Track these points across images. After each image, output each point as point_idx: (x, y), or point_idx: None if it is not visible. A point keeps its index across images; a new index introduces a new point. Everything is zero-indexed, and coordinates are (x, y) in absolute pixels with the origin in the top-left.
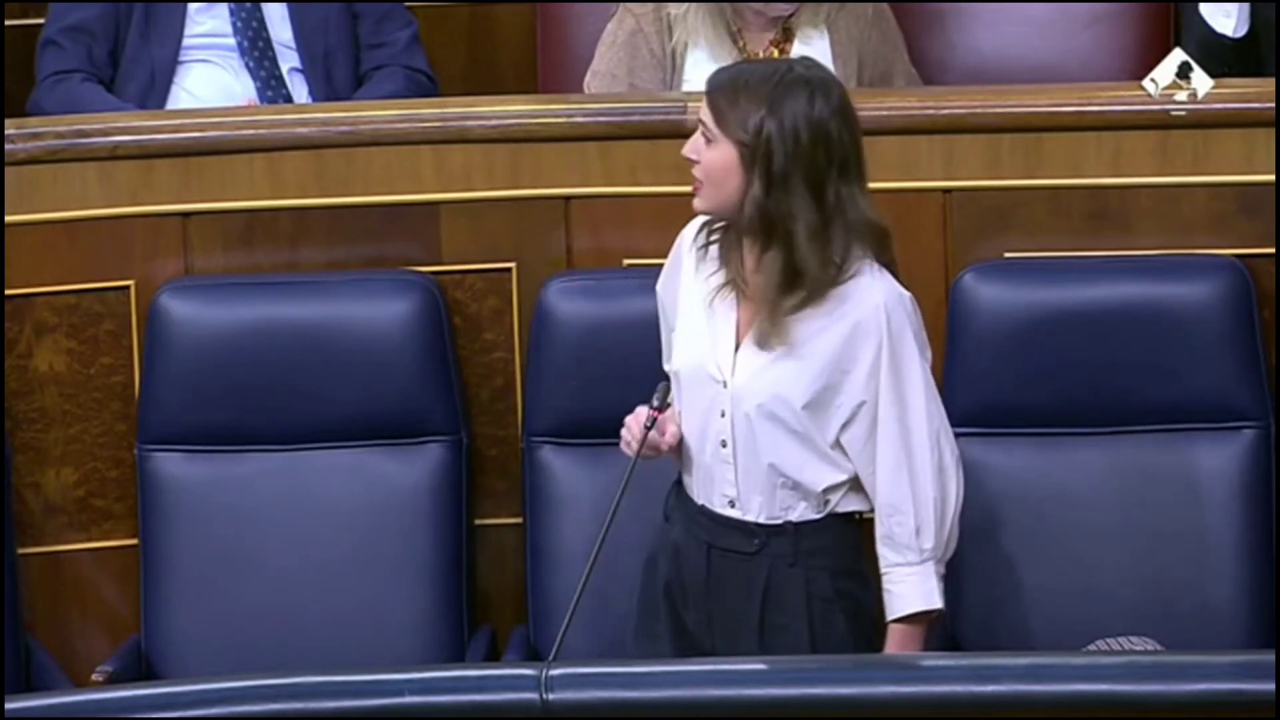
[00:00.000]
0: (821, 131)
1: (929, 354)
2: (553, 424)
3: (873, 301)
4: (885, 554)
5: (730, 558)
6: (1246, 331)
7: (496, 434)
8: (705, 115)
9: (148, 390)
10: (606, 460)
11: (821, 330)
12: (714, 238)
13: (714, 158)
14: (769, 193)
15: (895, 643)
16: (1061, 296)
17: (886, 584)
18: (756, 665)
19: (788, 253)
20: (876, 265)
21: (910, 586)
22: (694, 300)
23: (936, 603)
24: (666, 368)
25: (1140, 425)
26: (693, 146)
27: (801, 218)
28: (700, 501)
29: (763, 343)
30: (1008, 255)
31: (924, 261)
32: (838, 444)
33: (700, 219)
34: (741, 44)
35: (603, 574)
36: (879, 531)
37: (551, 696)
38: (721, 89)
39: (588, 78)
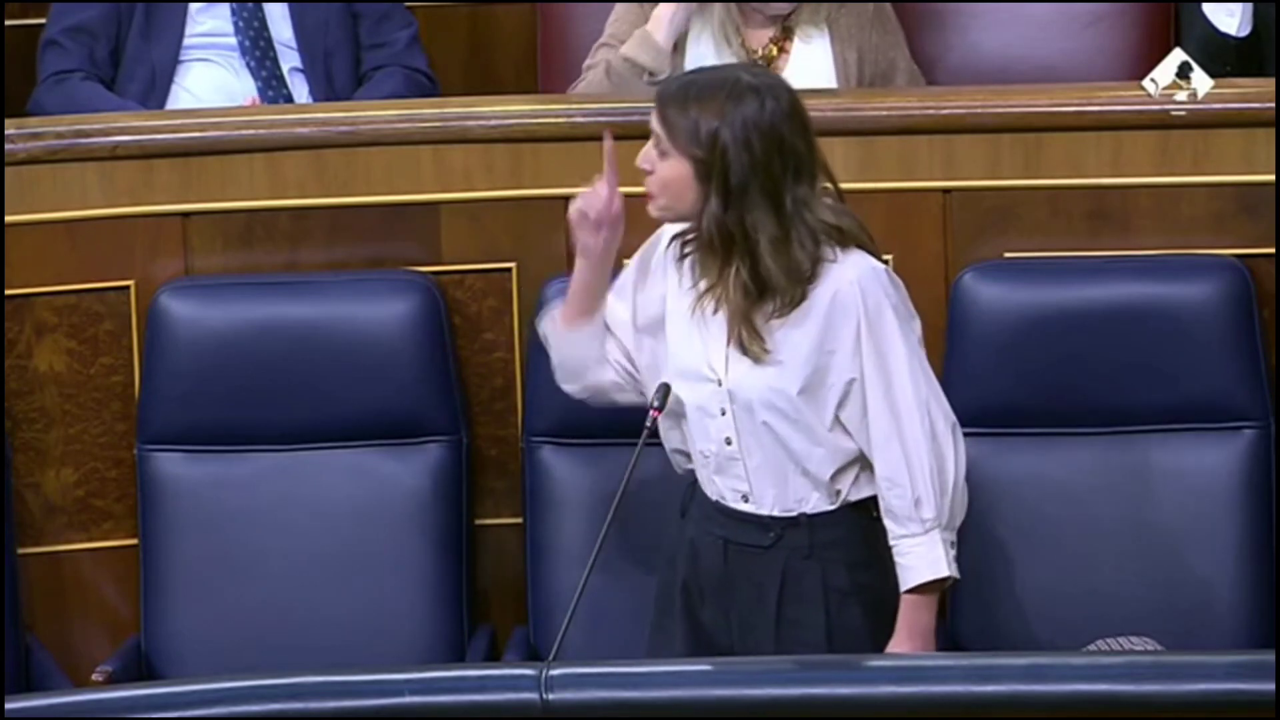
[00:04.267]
0: (775, 138)
1: (916, 323)
2: (553, 424)
3: (846, 278)
4: (890, 527)
5: (746, 552)
6: (1246, 331)
7: (496, 434)
8: (656, 126)
9: (148, 390)
10: (606, 460)
11: (801, 322)
12: (688, 250)
13: (668, 171)
14: (727, 207)
15: (907, 612)
16: (1061, 296)
17: (895, 556)
18: (756, 665)
19: (752, 265)
20: (846, 248)
21: (917, 557)
22: (678, 310)
23: (944, 570)
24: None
25: (1140, 425)
26: (646, 156)
27: (763, 230)
28: (714, 497)
29: (746, 350)
30: (1008, 255)
31: (924, 261)
32: (837, 423)
33: (675, 226)
34: (741, 40)
35: (603, 574)
36: (881, 506)
37: (551, 696)
38: (672, 100)
39: (589, 55)
